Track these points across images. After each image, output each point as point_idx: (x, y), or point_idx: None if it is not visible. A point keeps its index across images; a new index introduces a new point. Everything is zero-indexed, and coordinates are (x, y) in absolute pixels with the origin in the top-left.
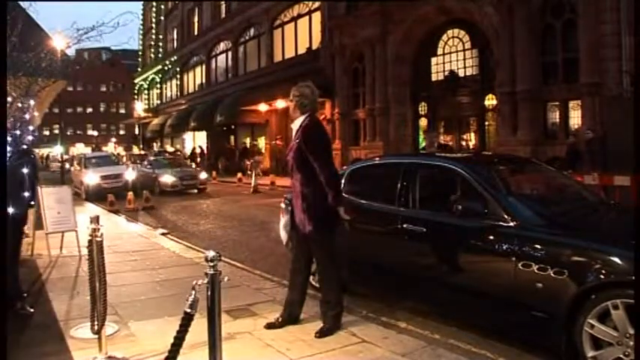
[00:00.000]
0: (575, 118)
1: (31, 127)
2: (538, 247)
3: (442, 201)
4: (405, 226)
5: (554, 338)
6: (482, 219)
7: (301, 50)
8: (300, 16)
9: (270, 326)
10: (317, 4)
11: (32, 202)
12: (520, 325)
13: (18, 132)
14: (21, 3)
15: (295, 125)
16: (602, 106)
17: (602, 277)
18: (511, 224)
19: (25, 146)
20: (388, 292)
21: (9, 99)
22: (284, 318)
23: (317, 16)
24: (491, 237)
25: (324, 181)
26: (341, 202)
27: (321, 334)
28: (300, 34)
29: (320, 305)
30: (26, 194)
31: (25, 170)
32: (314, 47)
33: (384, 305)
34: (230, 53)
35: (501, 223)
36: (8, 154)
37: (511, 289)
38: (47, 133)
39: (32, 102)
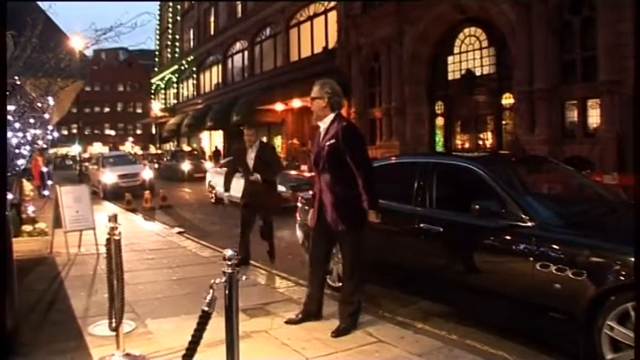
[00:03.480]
0: (594, 117)
1: (50, 127)
2: (556, 247)
3: (459, 200)
4: (421, 225)
5: (572, 340)
6: (499, 219)
7: (317, 50)
8: (315, 15)
9: (289, 322)
10: (333, 3)
11: None
12: (537, 326)
13: (38, 131)
14: (41, 5)
15: (325, 123)
16: (621, 104)
17: (621, 278)
18: (529, 224)
19: None
20: (404, 291)
21: (29, 98)
22: (303, 314)
23: (333, 16)
24: (509, 237)
25: (361, 183)
26: (376, 205)
27: (338, 333)
28: (316, 34)
29: (339, 304)
30: None
31: None
32: (330, 47)
33: (400, 305)
34: (246, 53)
35: (519, 223)
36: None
37: (529, 290)
38: (65, 132)
39: (51, 102)
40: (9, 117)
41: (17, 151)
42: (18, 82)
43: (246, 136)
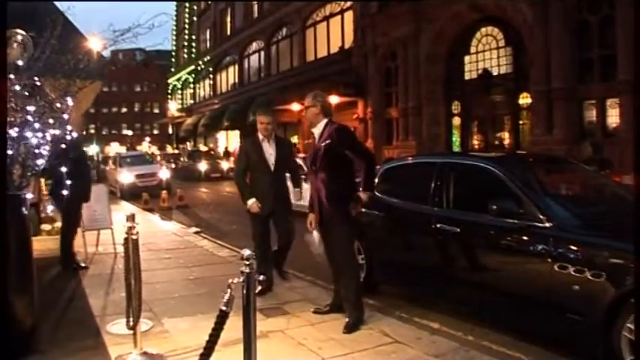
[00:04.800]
0: (613, 117)
1: (69, 127)
2: (574, 248)
3: (476, 201)
4: (438, 225)
5: (590, 342)
6: (517, 219)
7: (333, 49)
8: (332, 15)
9: (316, 311)
10: (349, 3)
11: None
12: (555, 327)
13: (58, 131)
14: (59, 6)
15: (319, 128)
16: None
17: None
18: (547, 225)
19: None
20: (421, 292)
21: (48, 99)
22: (330, 306)
23: (349, 15)
24: (527, 238)
25: (364, 167)
26: (372, 188)
27: (348, 329)
28: (333, 34)
29: (343, 302)
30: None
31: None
32: (346, 46)
33: (416, 305)
34: (262, 53)
35: (537, 224)
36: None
37: (547, 291)
38: (84, 132)
39: (70, 102)
40: (29, 117)
41: (37, 151)
42: (38, 84)
43: (260, 125)
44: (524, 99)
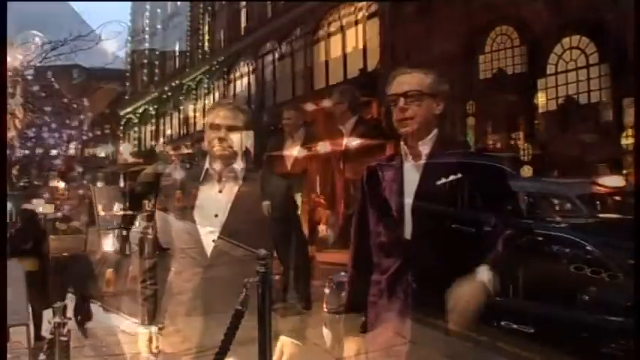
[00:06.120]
0: (629, 117)
1: (85, 127)
2: (590, 249)
3: (491, 201)
4: (453, 226)
5: (608, 344)
6: (532, 219)
7: (346, 50)
8: (345, 15)
9: (329, 311)
10: (362, 3)
11: None
12: (572, 329)
13: (73, 132)
14: (75, 8)
15: (350, 124)
16: None
17: None
18: (562, 225)
19: None
20: None
21: (65, 100)
22: (345, 305)
23: (362, 16)
24: (542, 238)
25: None
26: None
27: (363, 329)
28: (346, 34)
29: (357, 302)
30: None
31: None
32: (359, 47)
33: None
34: (276, 53)
35: (552, 224)
36: None
37: (562, 292)
38: (99, 132)
39: (86, 103)
40: (46, 118)
41: (54, 151)
42: (56, 86)
43: (284, 120)
44: (540, 99)
